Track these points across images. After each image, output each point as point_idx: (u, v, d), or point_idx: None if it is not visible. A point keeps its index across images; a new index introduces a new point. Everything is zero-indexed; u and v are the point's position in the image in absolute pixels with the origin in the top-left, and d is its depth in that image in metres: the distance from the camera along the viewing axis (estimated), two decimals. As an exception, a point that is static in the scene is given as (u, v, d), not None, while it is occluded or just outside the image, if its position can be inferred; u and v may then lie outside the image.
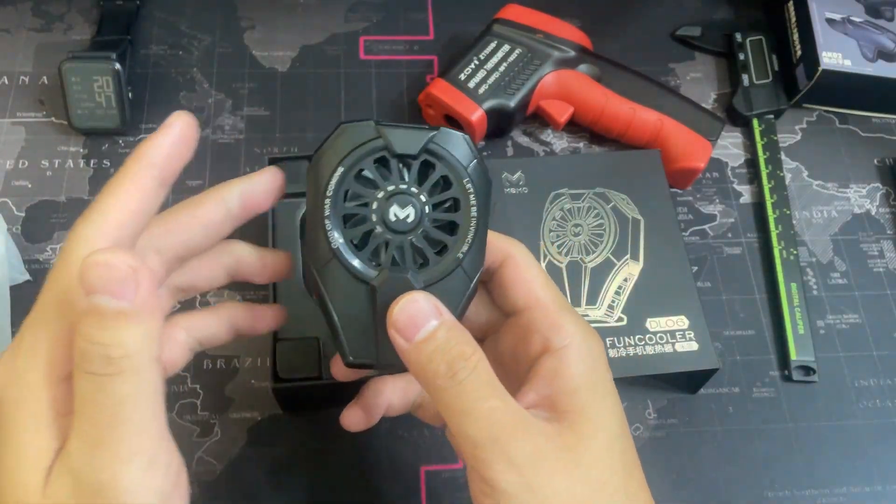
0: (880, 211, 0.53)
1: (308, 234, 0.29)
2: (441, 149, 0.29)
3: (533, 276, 0.31)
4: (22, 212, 0.48)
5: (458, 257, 0.28)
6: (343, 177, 0.28)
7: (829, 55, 0.53)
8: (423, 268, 0.28)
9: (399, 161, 0.29)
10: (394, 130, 0.28)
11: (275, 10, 0.58)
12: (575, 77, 0.52)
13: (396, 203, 0.28)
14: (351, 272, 0.28)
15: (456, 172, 0.29)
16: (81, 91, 0.49)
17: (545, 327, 0.29)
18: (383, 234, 0.28)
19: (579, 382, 0.28)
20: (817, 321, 0.48)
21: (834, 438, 0.45)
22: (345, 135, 0.28)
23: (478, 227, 0.29)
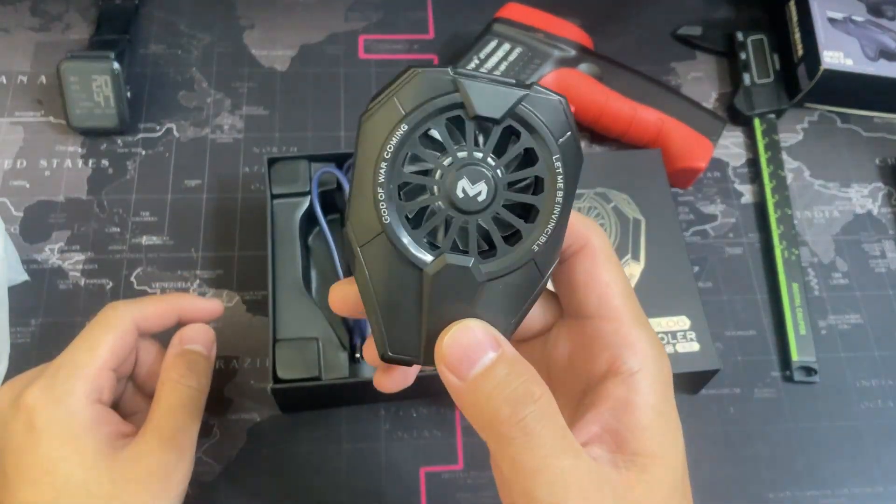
0: (882, 211, 0.53)
1: (353, 200, 0.24)
2: (531, 114, 0.23)
3: (611, 279, 0.26)
4: (20, 212, 0.48)
5: (532, 249, 0.24)
6: (405, 137, 0.23)
7: (831, 54, 0.52)
8: (489, 257, 0.24)
9: (477, 124, 0.23)
10: (475, 84, 0.23)
11: (274, 10, 0.58)
12: (575, 76, 0.51)
13: (467, 176, 0.23)
14: (401, 253, 0.23)
15: (545, 145, 0.23)
16: (80, 90, 0.49)
17: (616, 344, 0.26)
18: (445, 212, 0.23)
19: (651, 418, 0.25)
20: (819, 321, 0.48)
21: (835, 439, 0.45)
22: (414, 83, 0.23)
23: (561, 214, 0.24)
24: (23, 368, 0.43)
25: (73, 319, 0.45)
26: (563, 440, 0.23)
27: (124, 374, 0.37)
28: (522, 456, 0.22)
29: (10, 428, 0.33)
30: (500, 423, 0.23)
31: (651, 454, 0.24)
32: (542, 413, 0.23)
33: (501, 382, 0.23)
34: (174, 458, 0.34)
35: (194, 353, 0.38)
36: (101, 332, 0.35)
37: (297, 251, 0.44)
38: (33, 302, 0.45)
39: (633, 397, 0.25)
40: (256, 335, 0.45)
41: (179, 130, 0.52)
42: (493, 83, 0.23)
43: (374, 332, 0.25)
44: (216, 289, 0.47)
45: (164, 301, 0.38)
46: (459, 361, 0.23)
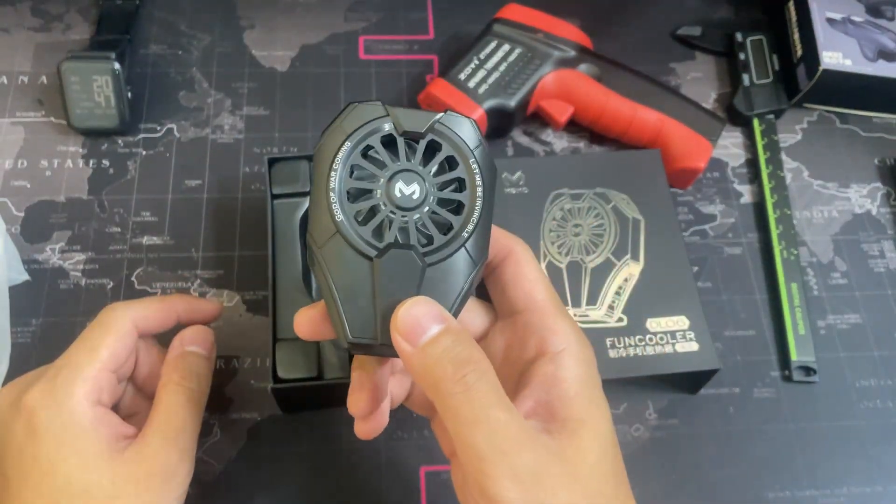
0: (881, 211, 0.53)
1: (312, 208, 0.28)
2: (448, 130, 0.29)
3: (535, 277, 0.31)
4: (21, 212, 0.48)
5: (462, 236, 0.28)
6: (350, 152, 0.28)
7: (830, 55, 0.53)
8: (427, 246, 0.28)
9: (405, 141, 0.29)
10: (401, 110, 0.29)
11: (274, 10, 0.58)
12: (575, 77, 0.51)
13: (402, 180, 0.28)
14: (354, 247, 0.27)
15: (462, 153, 0.29)
16: (80, 91, 0.49)
17: (542, 330, 0.30)
18: (388, 211, 0.28)
19: (577, 388, 0.28)
20: (818, 321, 0.48)
21: (834, 439, 0.45)
22: (353, 112, 0.29)
23: (483, 208, 0.29)
24: (23, 368, 0.43)
25: (74, 319, 0.45)
26: (498, 396, 0.26)
27: (124, 376, 0.37)
28: (463, 408, 0.26)
29: (11, 429, 0.33)
30: (445, 381, 0.26)
31: (579, 419, 0.28)
32: (482, 372, 0.26)
33: (447, 348, 0.26)
34: (175, 458, 0.34)
35: (194, 354, 0.38)
36: (101, 334, 0.35)
37: (297, 251, 0.44)
38: (34, 302, 0.45)
39: (559, 372, 0.29)
40: (256, 335, 0.45)
41: (180, 130, 0.52)
42: (415, 110, 0.29)
43: (336, 324, 0.28)
44: (216, 289, 0.47)
45: (163, 302, 0.38)
46: (412, 330, 0.27)
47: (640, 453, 0.44)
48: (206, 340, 0.39)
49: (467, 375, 0.26)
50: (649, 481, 0.43)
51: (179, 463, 0.34)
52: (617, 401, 0.45)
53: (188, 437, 0.35)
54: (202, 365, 0.38)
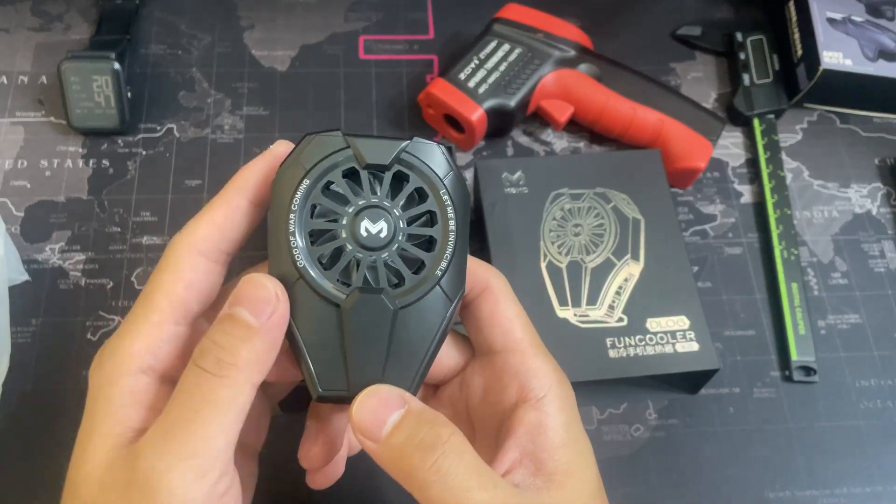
0: (881, 211, 0.53)
1: (271, 252, 0.26)
2: (415, 159, 0.27)
3: (513, 314, 0.29)
4: (21, 212, 0.48)
5: (436, 275, 0.26)
6: (309, 190, 0.26)
7: (830, 55, 0.53)
8: (399, 287, 0.26)
9: (370, 173, 0.27)
10: (364, 141, 0.26)
11: (274, 10, 0.58)
12: (575, 77, 0.51)
13: (367, 217, 0.26)
14: (319, 293, 0.25)
15: (431, 184, 0.27)
16: (80, 91, 0.49)
17: (522, 373, 0.28)
18: (354, 252, 0.26)
19: (562, 436, 0.27)
20: (818, 321, 0.48)
21: (835, 439, 0.45)
22: (311, 145, 0.26)
23: (457, 241, 0.27)
24: (23, 369, 0.43)
25: (74, 319, 0.45)
26: (478, 475, 0.24)
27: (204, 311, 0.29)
28: (442, 497, 0.24)
29: None
30: (416, 471, 0.24)
31: (566, 471, 0.26)
32: (453, 451, 0.24)
33: (411, 434, 0.24)
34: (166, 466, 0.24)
35: (231, 320, 0.25)
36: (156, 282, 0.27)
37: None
38: (34, 302, 0.45)
39: (543, 419, 0.27)
40: (257, 335, 0.45)
41: (180, 130, 0.52)
42: (378, 139, 0.27)
43: (305, 375, 0.26)
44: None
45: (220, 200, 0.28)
46: (371, 425, 0.25)
47: (640, 453, 0.44)
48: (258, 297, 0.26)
49: (438, 460, 0.24)
50: (649, 481, 0.43)
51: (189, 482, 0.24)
52: (617, 401, 0.45)
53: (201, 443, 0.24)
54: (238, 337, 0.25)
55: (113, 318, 0.45)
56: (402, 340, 0.26)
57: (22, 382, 0.43)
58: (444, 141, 0.53)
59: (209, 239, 0.28)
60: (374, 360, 0.26)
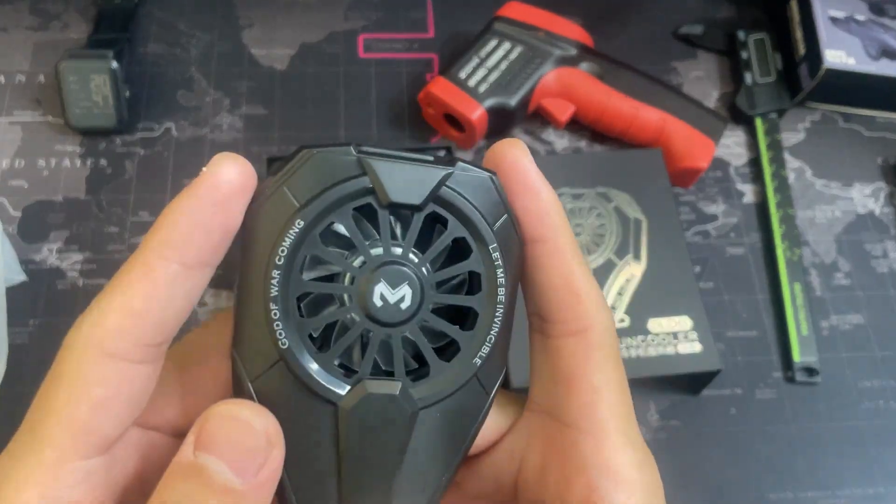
0: (884, 211, 0.52)
1: (240, 321, 0.19)
2: (458, 196, 0.19)
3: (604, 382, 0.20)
4: (18, 211, 0.48)
5: (475, 363, 0.19)
6: (303, 235, 0.18)
7: (833, 53, 0.52)
8: (420, 377, 0.19)
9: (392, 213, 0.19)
10: (386, 164, 0.18)
11: (273, 9, 0.57)
12: (576, 75, 0.51)
13: (385, 278, 0.18)
14: (307, 384, 0.18)
15: (479, 233, 0.19)
16: (79, 90, 0.49)
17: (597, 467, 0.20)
18: (361, 325, 0.18)
19: None
20: (820, 322, 0.48)
21: (837, 440, 0.45)
22: (309, 167, 0.18)
23: (505, 316, 0.20)
24: (21, 369, 0.43)
25: (71, 320, 0.44)
26: None
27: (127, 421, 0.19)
28: None
29: None
30: None
31: None
32: None
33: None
34: None
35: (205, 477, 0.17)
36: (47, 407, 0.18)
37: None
38: (31, 302, 0.45)
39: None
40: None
41: (178, 130, 0.52)
42: (407, 162, 0.18)
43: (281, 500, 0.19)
44: (216, 289, 0.46)
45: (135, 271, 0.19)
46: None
47: (641, 455, 0.44)
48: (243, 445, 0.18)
49: None
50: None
51: None
52: (618, 402, 0.45)
53: None
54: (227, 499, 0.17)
55: (111, 319, 0.45)
56: (419, 452, 0.19)
57: (19, 383, 0.43)
58: (443, 140, 0.52)
59: (123, 333, 0.18)
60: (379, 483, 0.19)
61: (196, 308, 0.45)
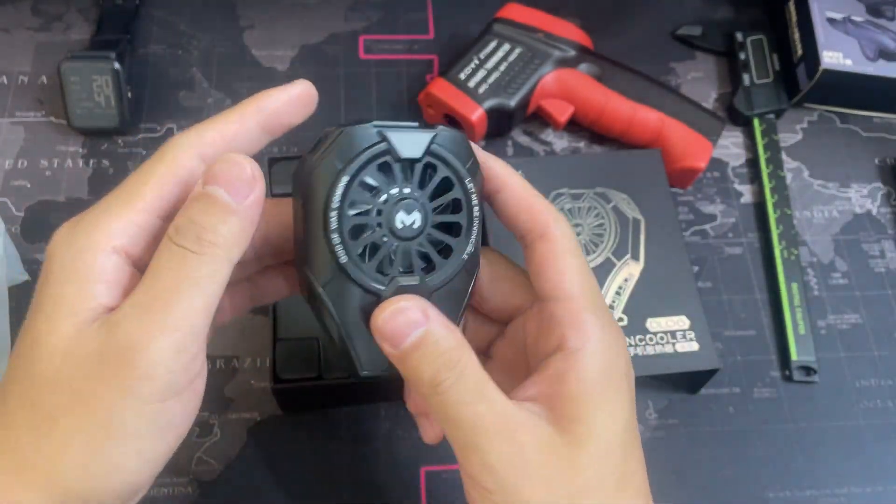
0: (881, 211, 0.53)
1: (308, 244, 0.27)
2: (443, 150, 0.28)
3: (566, 265, 0.29)
4: (21, 212, 0.48)
5: (463, 259, 0.28)
6: (347, 186, 0.26)
7: (830, 55, 0.53)
8: (430, 272, 0.28)
9: (401, 165, 0.27)
10: (396, 133, 0.27)
11: (274, 10, 0.58)
12: (575, 76, 0.51)
13: (403, 209, 0.27)
14: (361, 286, 0.27)
15: (457, 173, 0.28)
16: (80, 90, 0.49)
17: (565, 324, 0.28)
18: (390, 243, 0.27)
19: (582, 390, 0.27)
20: (818, 321, 0.48)
21: (835, 439, 0.45)
22: (344, 139, 0.26)
23: (479, 224, 0.29)
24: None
25: (74, 319, 0.45)
26: (477, 391, 0.26)
27: None
28: (440, 408, 0.26)
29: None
30: (424, 385, 0.26)
31: (578, 420, 0.27)
32: (459, 375, 0.26)
33: (426, 353, 0.26)
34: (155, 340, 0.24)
35: (208, 199, 0.25)
36: (150, 168, 0.27)
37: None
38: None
39: (568, 371, 0.27)
40: (257, 335, 0.45)
41: (180, 130, 0.52)
42: (408, 131, 0.27)
43: (350, 358, 0.28)
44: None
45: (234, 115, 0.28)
46: (393, 335, 0.26)
47: (640, 453, 0.44)
48: (237, 178, 0.25)
49: (443, 382, 0.26)
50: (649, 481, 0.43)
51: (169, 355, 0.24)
52: (617, 401, 0.45)
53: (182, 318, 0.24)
54: (218, 216, 0.25)
55: (113, 318, 0.45)
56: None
57: (22, 382, 0.43)
58: None
59: (214, 146, 0.27)
60: None
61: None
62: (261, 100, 0.29)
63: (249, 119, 0.28)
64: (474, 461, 0.26)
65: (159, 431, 0.25)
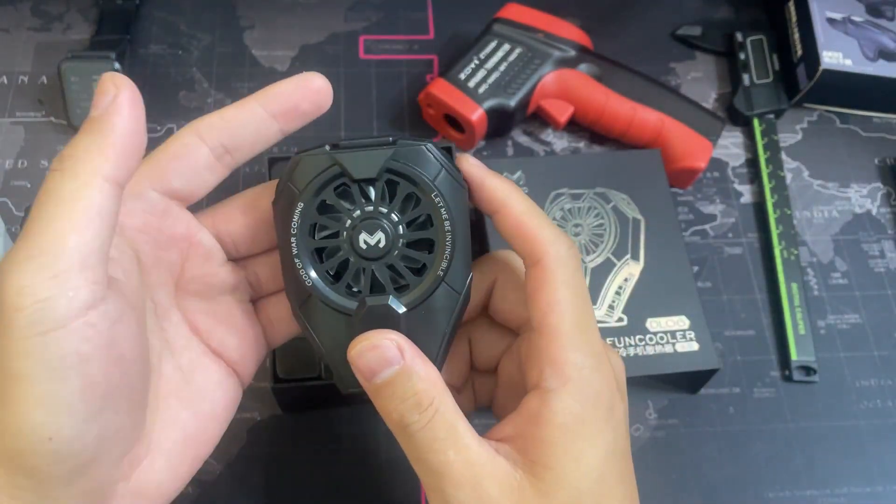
0: (881, 211, 0.53)
1: (283, 269, 0.28)
2: (402, 165, 0.27)
3: (555, 298, 0.27)
4: (21, 212, 0.48)
5: (438, 275, 0.27)
6: (305, 211, 0.27)
7: (830, 55, 0.53)
8: (404, 290, 0.27)
9: (361, 186, 0.27)
10: (350, 154, 0.27)
11: (274, 10, 0.58)
12: (575, 76, 0.51)
13: (365, 230, 0.27)
14: (330, 306, 0.27)
15: (421, 188, 0.27)
16: (81, 90, 0.49)
17: (544, 361, 0.27)
18: (357, 262, 0.27)
19: (555, 435, 0.26)
20: (818, 321, 0.48)
21: (835, 438, 0.45)
22: (300, 167, 0.27)
23: (455, 239, 0.27)
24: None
25: (74, 319, 0.45)
26: (448, 439, 0.26)
27: None
28: (408, 446, 0.26)
29: None
30: (393, 424, 0.26)
31: (547, 465, 0.26)
32: (427, 420, 0.26)
33: (395, 394, 0.26)
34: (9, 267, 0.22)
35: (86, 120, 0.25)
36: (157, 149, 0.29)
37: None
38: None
39: (542, 412, 0.26)
40: (257, 335, 0.45)
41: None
42: (365, 149, 0.27)
43: (333, 375, 0.29)
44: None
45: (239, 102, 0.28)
46: (365, 370, 0.26)
47: (639, 453, 0.44)
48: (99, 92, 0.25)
49: (410, 425, 0.26)
50: (649, 481, 0.43)
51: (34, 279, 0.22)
52: (617, 401, 0.45)
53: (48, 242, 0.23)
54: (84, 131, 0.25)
55: (113, 318, 0.45)
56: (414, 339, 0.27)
57: (22, 382, 0.43)
58: (444, 141, 0.53)
59: (212, 127, 0.28)
60: None
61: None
62: (268, 87, 0.28)
63: (251, 102, 0.27)
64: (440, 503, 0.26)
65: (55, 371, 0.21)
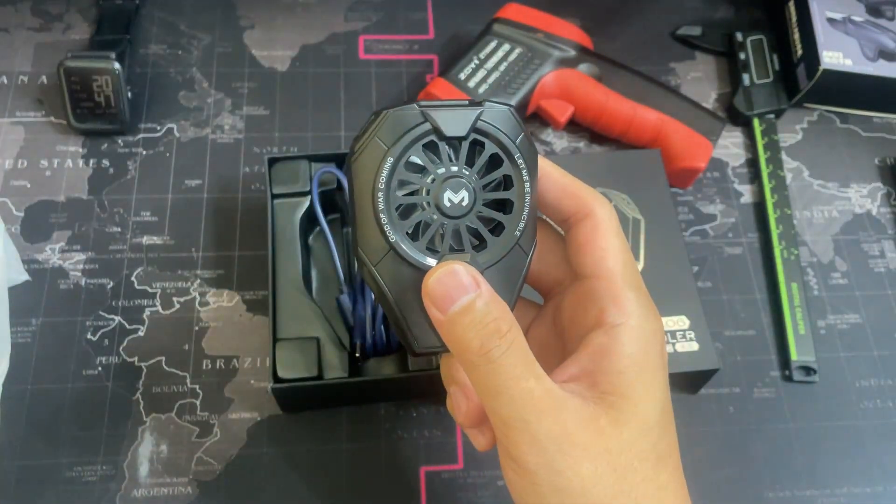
0: (881, 211, 0.53)
1: (359, 224, 0.28)
2: (489, 126, 0.27)
3: (608, 245, 0.29)
4: (21, 212, 0.48)
5: (515, 235, 0.28)
6: (393, 167, 0.27)
7: (830, 55, 0.53)
8: (481, 249, 0.28)
9: (447, 143, 0.27)
10: (439, 112, 0.27)
11: (274, 10, 0.58)
12: (575, 76, 0.51)
13: (450, 188, 0.27)
14: (410, 263, 0.27)
15: (506, 149, 0.28)
16: (81, 90, 0.49)
17: (605, 300, 0.28)
18: (439, 221, 0.27)
19: (626, 364, 0.27)
20: (818, 321, 0.48)
21: (835, 438, 0.45)
22: (388, 122, 0.27)
23: (532, 201, 0.28)
24: (23, 368, 0.43)
25: (74, 319, 0.45)
26: (525, 366, 0.26)
27: None
28: (486, 379, 0.26)
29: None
30: (470, 353, 0.26)
31: (620, 394, 0.27)
32: (508, 345, 0.26)
33: (477, 319, 0.26)
34: None
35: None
36: None
37: (297, 251, 0.44)
38: (34, 302, 0.45)
39: (611, 346, 0.27)
40: (256, 335, 0.45)
41: (180, 130, 0.52)
42: (452, 108, 0.27)
43: (402, 337, 0.29)
44: (216, 288, 0.47)
45: None
46: (442, 299, 0.26)
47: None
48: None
49: (492, 350, 0.26)
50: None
51: None
52: (617, 401, 0.45)
53: None
54: None
55: (113, 318, 0.45)
56: None
57: (22, 382, 0.43)
58: None
59: None
60: None
61: (198, 307, 0.46)
62: None
63: None
64: (521, 438, 0.26)
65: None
